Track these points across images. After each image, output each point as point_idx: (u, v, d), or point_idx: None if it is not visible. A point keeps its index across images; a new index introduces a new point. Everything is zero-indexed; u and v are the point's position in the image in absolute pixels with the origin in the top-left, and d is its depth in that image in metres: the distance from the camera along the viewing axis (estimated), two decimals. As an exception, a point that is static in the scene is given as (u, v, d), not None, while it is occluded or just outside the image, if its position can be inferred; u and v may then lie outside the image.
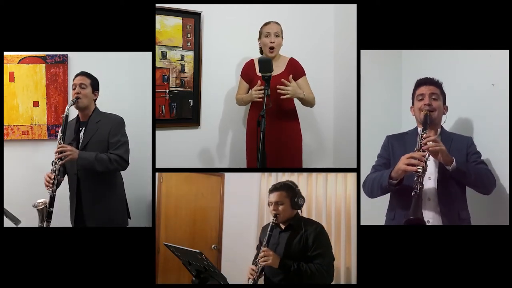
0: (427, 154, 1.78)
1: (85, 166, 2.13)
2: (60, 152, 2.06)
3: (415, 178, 1.75)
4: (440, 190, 1.88)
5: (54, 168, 2.08)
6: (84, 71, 2.29)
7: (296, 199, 1.80)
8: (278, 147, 2.52)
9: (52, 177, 2.07)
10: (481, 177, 1.85)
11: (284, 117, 2.57)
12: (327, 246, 1.77)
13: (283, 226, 1.85)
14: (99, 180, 2.20)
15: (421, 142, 1.81)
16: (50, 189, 2.07)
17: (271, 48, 2.52)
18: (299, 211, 1.84)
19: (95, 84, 2.28)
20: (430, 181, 1.89)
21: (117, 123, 2.26)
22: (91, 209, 2.20)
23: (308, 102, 2.57)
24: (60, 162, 2.06)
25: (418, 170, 1.74)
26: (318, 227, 1.79)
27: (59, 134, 2.14)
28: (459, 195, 1.90)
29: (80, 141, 2.22)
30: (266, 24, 2.57)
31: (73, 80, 2.27)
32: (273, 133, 2.45)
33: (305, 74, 2.62)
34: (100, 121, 2.24)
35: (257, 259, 1.72)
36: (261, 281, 1.82)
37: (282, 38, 2.59)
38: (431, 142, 1.77)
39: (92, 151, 2.15)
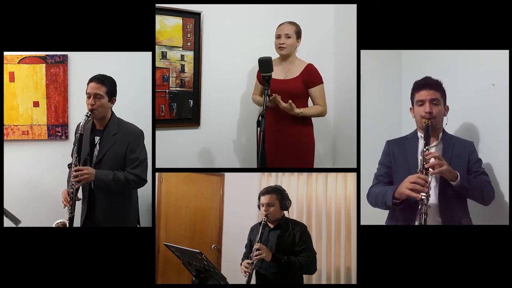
0: (430, 178, 1.75)
1: (102, 186, 2.06)
2: (77, 176, 1.99)
3: (419, 207, 1.73)
4: (441, 199, 1.87)
5: (71, 189, 2.02)
6: (100, 75, 2.12)
7: (284, 202, 2.00)
8: (289, 148, 2.52)
9: (70, 198, 2.02)
10: (481, 191, 1.85)
11: (297, 118, 2.51)
12: (310, 242, 1.98)
13: (271, 226, 2.00)
14: (115, 192, 2.11)
15: (423, 162, 1.77)
16: (69, 210, 2.04)
17: (280, 48, 2.52)
18: (285, 212, 2.02)
19: (112, 91, 2.12)
20: (430, 190, 1.87)
21: (136, 137, 2.14)
22: (104, 218, 2.13)
23: (310, 116, 2.55)
24: (78, 184, 2.01)
25: (422, 197, 1.71)
26: (303, 227, 1.99)
27: (74, 154, 2.04)
28: (460, 203, 1.89)
29: (95, 152, 2.11)
30: (279, 25, 2.56)
31: (87, 85, 2.10)
32: (285, 134, 2.48)
33: (322, 83, 2.56)
34: (117, 134, 2.11)
35: (251, 254, 1.88)
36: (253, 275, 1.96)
37: (299, 39, 2.57)
38: (433, 159, 1.74)
39: (108, 166, 2.07)
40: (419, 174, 1.76)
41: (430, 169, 1.75)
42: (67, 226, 2.05)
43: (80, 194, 2.12)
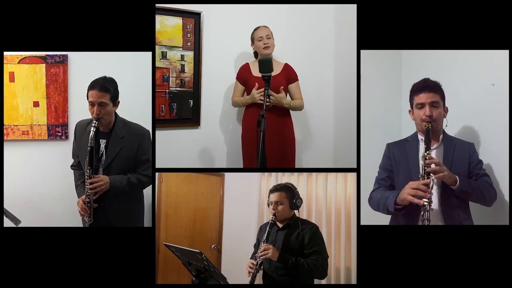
0: (431, 183, 1.75)
1: (117, 193, 2.06)
2: (93, 188, 1.99)
3: (422, 213, 1.73)
4: (443, 204, 1.86)
5: (88, 199, 2.01)
6: (101, 81, 2.04)
7: (294, 200, 1.90)
8: (273, 147, 2.53)
9: (87, 207, 2.02)
10: (482, 193, 1.84)
11: (278, 116, 2.64)
12: (322, 244, 1.89)
13: (280, 225, 1.94)
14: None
15: (425, 167, 1.77)
16: (88, 219, 2.04)
17: (266, 48, 2.62)
18: (296, 211, 1.93)
19: (115, 95, 2.07)
20: (432, 194, 1.86)
21: (145, 138, 2.13)
22: (115, 222, 2.13)
23: (295, 108, 2.74)
24: (94, 196, 2.00)
25: (425, 203, 1.71)
26: (313, 227, 1.90)
27: (87, 167, 2.00)
28: (462, 206, 1.88)
29: (103, 155, 2.08)
30: (256, 29, 2.68)
31: (88, 91, 2.03)
32: (269, 131, 2.47)
33: (298, 79, 2.74)
34: (124, 137, 2.09)
35: (256, 254, 1.81)
36: (260, 276, 1.91)
37: (273, 40, 2.69)
38: (433, 165, 1.75)
39: (117, 169, 2.06)
40: (421, 180, 1.76)
41: (431, 174, 1.76)
42: None
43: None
